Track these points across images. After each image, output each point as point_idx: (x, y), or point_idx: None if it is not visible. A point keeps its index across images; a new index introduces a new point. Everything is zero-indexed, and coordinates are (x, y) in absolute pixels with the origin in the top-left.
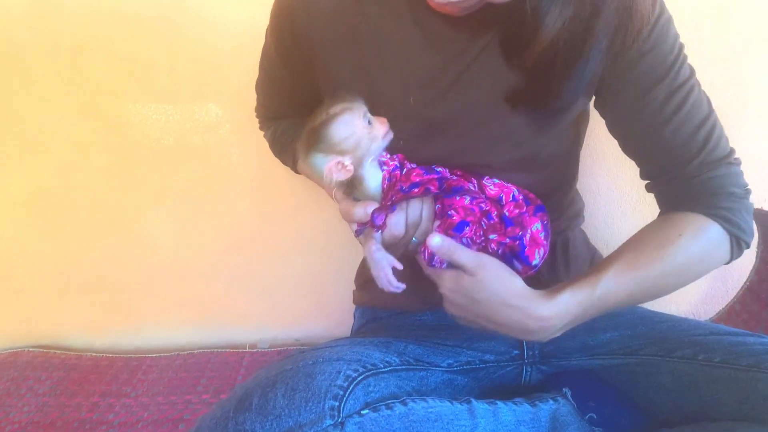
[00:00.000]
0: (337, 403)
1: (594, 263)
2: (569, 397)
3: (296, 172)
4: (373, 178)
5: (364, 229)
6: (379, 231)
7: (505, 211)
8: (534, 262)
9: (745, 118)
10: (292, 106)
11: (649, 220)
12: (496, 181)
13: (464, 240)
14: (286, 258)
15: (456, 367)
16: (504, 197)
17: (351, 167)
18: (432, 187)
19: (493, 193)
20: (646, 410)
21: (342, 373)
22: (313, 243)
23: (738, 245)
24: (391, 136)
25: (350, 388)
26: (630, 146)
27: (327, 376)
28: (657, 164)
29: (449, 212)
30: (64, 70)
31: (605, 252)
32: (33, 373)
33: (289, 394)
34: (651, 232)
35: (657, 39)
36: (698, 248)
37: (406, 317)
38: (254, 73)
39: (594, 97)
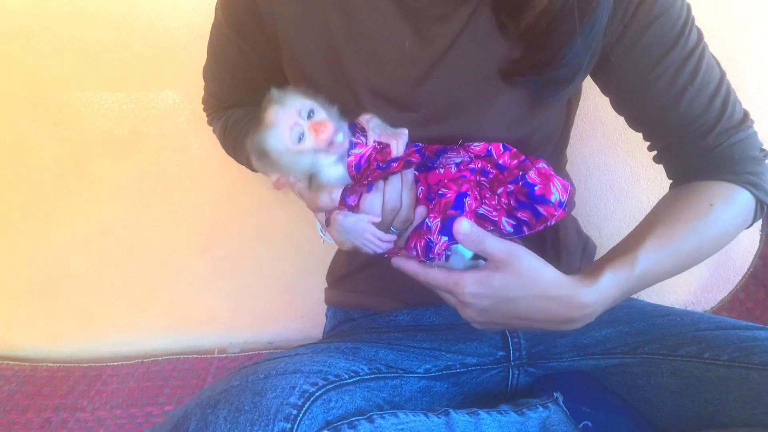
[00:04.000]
0: (289, 425)
1: (587, 252)
2: (560, 403)
3: (252, 170)
4: (332, 171)
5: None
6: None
7: (499, 161)
8: (553, 198)
9: (745, 96)
10: (248, 92)
11: (645, 203)
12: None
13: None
14: (255, 255)
15: (434, 372)
16: (494, 150)
17: (299, 183)
18: (413, 159)
19: (478, 149)
20: (647, 415)
21: (297, 389)
22: (283, 238)
23: (761, 208)
24: (339, 145)
25: (306, 406)
26: (640, 123)
27: (278, 393)
28: (673, 138)
29: (440, 191)
30: (4, 57)
31: (599, 239)
32: None
33: (232, 417)
34: (680, 204)
35: (665, 2)
36: (730, 217)
37: (379, 317)
38: None
39: (594, 76)
